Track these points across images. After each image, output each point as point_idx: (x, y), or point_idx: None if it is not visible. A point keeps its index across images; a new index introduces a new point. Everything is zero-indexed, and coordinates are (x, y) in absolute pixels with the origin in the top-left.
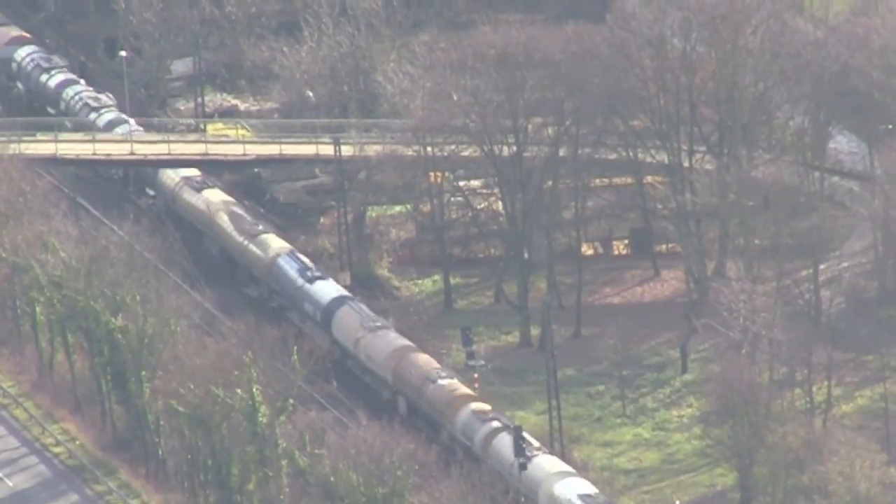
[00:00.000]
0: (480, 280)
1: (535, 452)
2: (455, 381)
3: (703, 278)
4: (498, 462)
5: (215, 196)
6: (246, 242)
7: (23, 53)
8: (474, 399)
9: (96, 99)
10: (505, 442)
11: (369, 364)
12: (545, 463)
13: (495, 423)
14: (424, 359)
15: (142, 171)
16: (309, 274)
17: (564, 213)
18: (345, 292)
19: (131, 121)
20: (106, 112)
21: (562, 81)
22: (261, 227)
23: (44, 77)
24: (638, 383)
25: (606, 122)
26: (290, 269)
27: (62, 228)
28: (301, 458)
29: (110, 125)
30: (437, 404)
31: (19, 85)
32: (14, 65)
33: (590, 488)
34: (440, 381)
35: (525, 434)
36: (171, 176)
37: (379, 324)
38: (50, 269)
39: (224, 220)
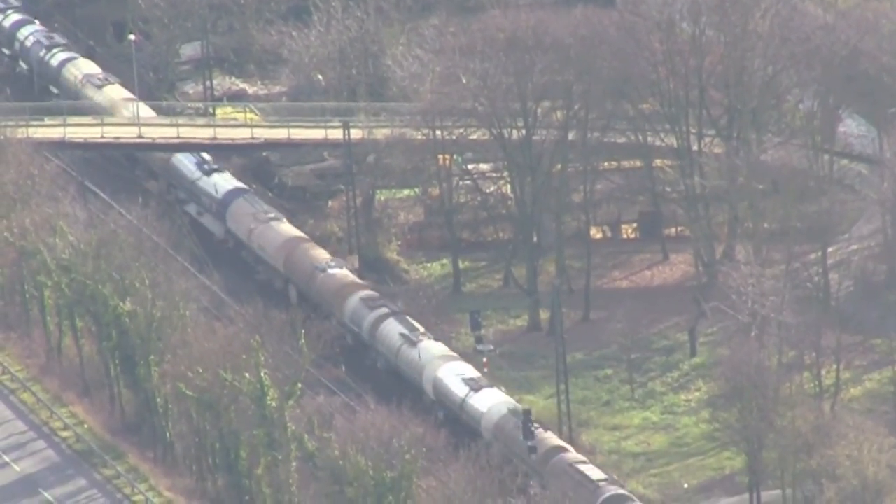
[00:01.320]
0: (489, 264)
1: (420, 338)
2: (344, 270)
3: (711, 262)
4: (385, 347)
5: (116, 92)
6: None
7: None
8: (363, 287)
9: (49, 37)
10: (391, 327)
11: (262, 254)
12: (431, 347)
13: (382, 310)
14: (315, 250)
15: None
16: (206, 167)
17: (573, 197)
18: (240, 184)
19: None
20: (58, 52)
21: (571, 65)
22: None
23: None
24: (646, 367)
25: (615, 105)
26: (187, 162)
27: (70, 212)
28: (310, 442)
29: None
30: (325, 293)
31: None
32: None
33: (473, 372)
34: (329, 271)
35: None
36: (74, 72)
37: (272, 215)
38: (58, 252)
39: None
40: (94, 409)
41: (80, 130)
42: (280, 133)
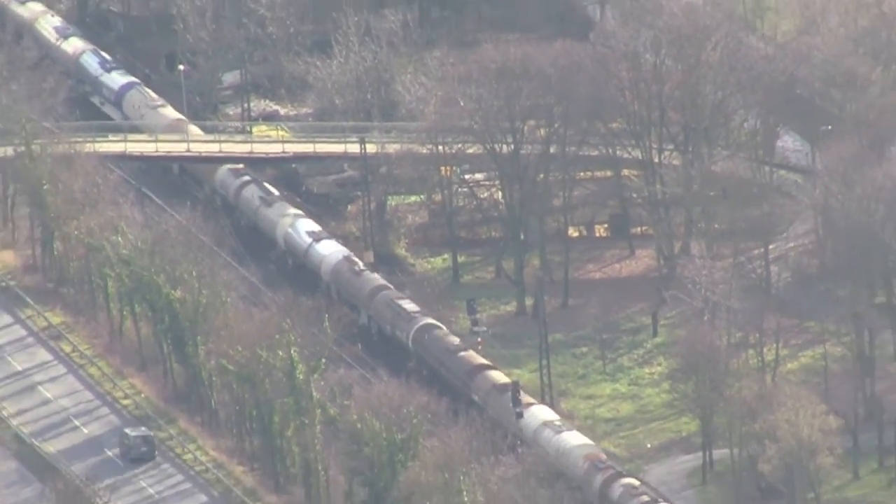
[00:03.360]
0: (483, 258)
1: (275, 199)
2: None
3: (671, 256)
4: (246, 207)
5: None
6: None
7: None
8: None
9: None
10: (251, 191)
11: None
12: (282, 207)
13: (244, 178)
14: (192, 128)
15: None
16: (107, 66)
17: (554, 202)
18: (134, 79)
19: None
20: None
21: (552, 90)
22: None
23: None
24: (616, 345)
25: (590, 124)
26: (92, 63)
27: (129, 214)
28: (332, 409)
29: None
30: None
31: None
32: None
33: (316, 227)
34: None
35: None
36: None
37: (159, 103)
38: (119, 249)
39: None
40: (149, 381)
41: (138, 146)
42: (306, 148)
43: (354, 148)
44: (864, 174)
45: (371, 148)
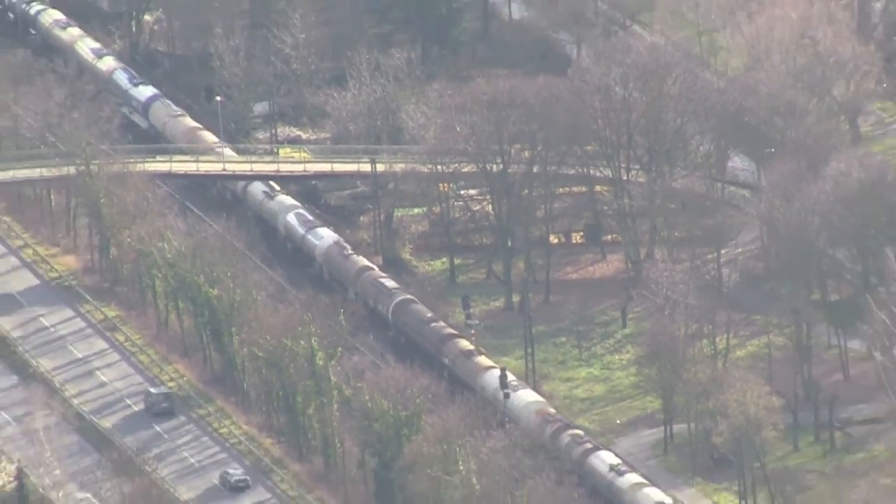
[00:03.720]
0: (476, 261)
1: (276, 193)
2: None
3: (637, 260)
4: (252, 201)
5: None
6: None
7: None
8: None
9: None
10: (256, 187)
11: (171, 138)
12: (284, 199)
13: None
14: (202, 132)
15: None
16: (135, 81)
17: (537, 213)
18: (157, 92)
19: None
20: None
21: (535, 118)
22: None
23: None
24: (590, 336)
25: (567, 147)
26: (122, 79)
27: (174, 224)
28: (347, 390)
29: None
30: None
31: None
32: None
33: (310, 217)
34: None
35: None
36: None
37: (178, 113)
38: (165, 253)
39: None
40: (191, 366)
41: (181, 165)
42: (325, 167)
43: (366, 167)
44: (802, 190)
45: (380, 167)
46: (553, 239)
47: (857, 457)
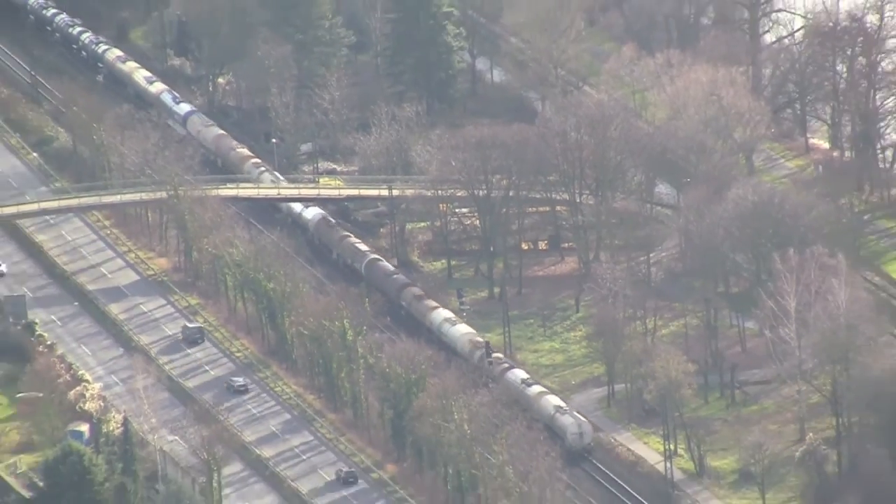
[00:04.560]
0: (467, 263)
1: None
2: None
3: (587, 262)
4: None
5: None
6: (145, 86)
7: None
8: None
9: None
10: (267, 177)
11: (203, 142)
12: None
13: (262, 168)
14: (230, 142)
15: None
16: (177, 100)
17: (512, 227)
18: (194, 108)
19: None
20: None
21: (511, 155)
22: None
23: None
24: (552, 318)
25: (535, 177)
26: (167, 98)
27: (240, 235)
28: (370, 359)
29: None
30: (208, 143)
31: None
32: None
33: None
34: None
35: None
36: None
37: (209, 123)
38: (234, 256)
39: (139, 76)
40: (254, 342)
41: (246, 191)
42: (354, 191)
43: (384, 192)
44: (711, 209)
45: (395, 192)
46: (524, 245)
47: (752, 409)
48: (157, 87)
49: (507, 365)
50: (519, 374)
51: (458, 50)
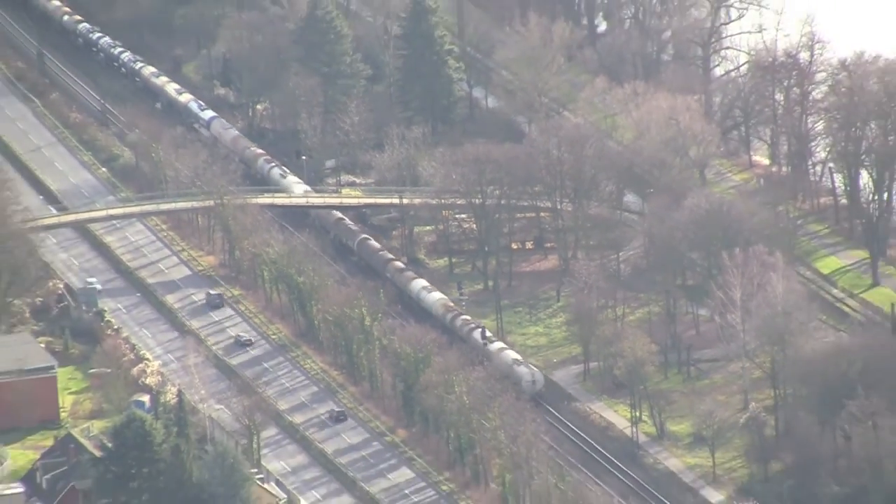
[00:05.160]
0: (465, 260)
1: (286, 174)
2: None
3: (566, 259)
4: (271, 180)
5: (294, 181)
6: (182, 100)
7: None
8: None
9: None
10: (276, 171)
11: (224, 143)
12: (291, 179)
13: (272, 164)
14: (245, 143)
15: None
16: (202, 107)
17: (504, 229)
18: (216, 114)
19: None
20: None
21: (503, 170)
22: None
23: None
24: (537, 307)
25: (523, 188)
26: (195, 107)
27: (275, 236)
28: (384, 340)
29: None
30: (221, 139)
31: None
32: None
33: (307, 188)
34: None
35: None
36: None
37: (229, 127)
38: (271, 254)
39: (171, 89)
40: (286, 325)
41: (280, 199)
42: (370, 200)
43: (396, 201)
44: (670, 216)
45: (405, 200)
46: (513, 245)
47: (704, 382)
48: (186, 97)
49: (472, 325)
50: (482, 332)
51: (457, 81)
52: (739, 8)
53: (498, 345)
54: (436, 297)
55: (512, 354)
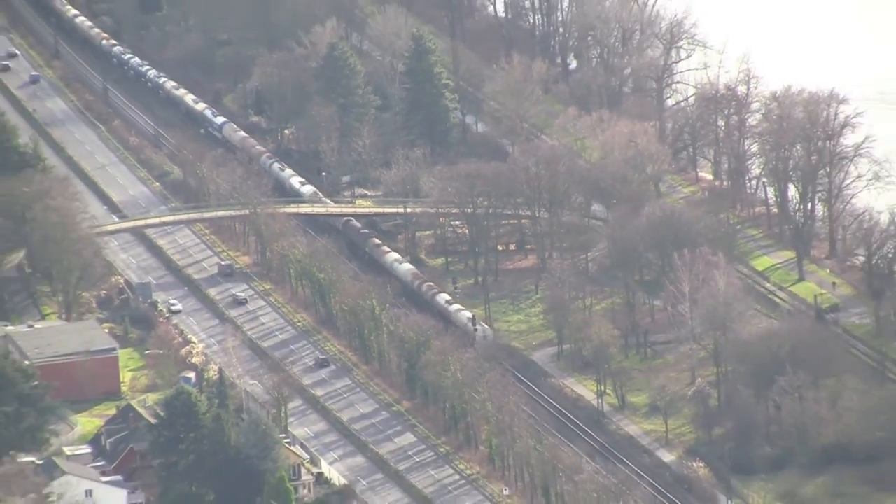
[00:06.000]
0: (459, 259)
1: (285, 167)
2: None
3: (543, 258)
4: (272, 173)
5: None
6: (202, 109)
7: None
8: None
9: (283, 167)
10: (277, 165)
11: (233, 141)
12: (289, 172)
13: (274, 160)
14: (251, 144)
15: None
16: (215, 114)
17: (491, 234)
18: (226, 119)
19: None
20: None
21: (490, 184)
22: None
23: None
24: (519, 298)
25: (508, 199)
26: (211, 115)
27: (300, 239)
28: (391, 326)
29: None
30: (230, 140)
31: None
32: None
33: (302, 179)
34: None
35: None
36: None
37: (237, 129)
38: (296, 254)
39: (199, 107)
40: (309, 315)
41: (303, 209)
42: (379, 209)
43: (401, 210)
44: (631, 221)
45: (409, 210)
46: (499, 247)
47: (658, 361)
48: (201, 105)
49: (435, 290)
50: (444, 297)
51: (452, 110)
52: (688, 49)
53: (455, 306)
54: (406, 268)
55: (467, 314)
